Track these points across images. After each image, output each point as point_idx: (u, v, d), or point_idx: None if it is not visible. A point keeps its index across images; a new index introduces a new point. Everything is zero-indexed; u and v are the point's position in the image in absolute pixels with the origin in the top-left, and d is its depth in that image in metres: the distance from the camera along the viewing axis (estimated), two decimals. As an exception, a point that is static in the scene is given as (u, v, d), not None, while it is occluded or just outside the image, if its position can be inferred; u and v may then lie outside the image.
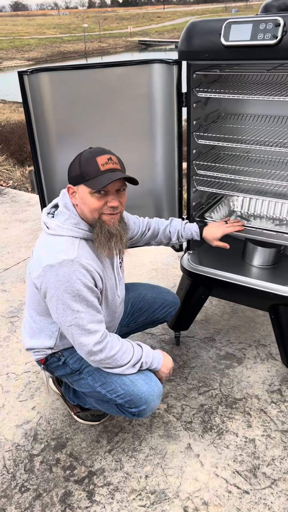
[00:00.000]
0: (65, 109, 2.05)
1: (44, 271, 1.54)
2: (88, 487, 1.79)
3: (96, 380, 1.72)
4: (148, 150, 2.21)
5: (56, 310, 1.57)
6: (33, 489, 1.79)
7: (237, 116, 2.40)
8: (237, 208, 2.46)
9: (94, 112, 2.09)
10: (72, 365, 1.76)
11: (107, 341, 1.61)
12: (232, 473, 1.81)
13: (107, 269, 1.70)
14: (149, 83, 2.08)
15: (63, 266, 1.51)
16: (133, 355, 1.66)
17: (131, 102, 2.09)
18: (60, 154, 2.11)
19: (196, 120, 2.16)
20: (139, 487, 1.78)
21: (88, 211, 1.58)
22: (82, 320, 1.55)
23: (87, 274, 1.55)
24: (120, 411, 1.75)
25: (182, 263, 2.34)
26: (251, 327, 2.66)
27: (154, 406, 1.70)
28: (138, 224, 2.03)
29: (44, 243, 1.62)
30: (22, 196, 4.88)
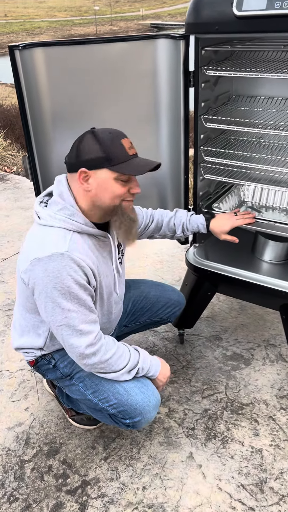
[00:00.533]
0: (61, 89, 1.88)
1: (32, 264, 1.39)
2: (81, 499, 1.66)
3: (88, 387, 1.58)
4: (152, 135, 2.03)
5: (44, 309, 1.42)
6: (22, 499, 1.67)
7: (249, 98, 2.21)
8: (248, 198, 2.28)
9: (93, 93, 1.92)
10: (63, 369, 1.62)
11: (101, 344, 1.46)
12: (237, 487, 1.67)
13: (103, 265, 1.54)
14: (153, 61, 1.89)
15: (52, 260, 1.36)
16: (129, 360, 1.52)
17: (133, 82, 1.91)
18: (56, 138, 1.94)
19: (204, 102, 1.98)
20: (136, 500, 1.65)
21: (109, 198, 1.43)
22: (73, 320, 1.41)
23: (79, 270, 1.39)
24: (114, 421, 1.62)
25: (188, 257, 2.18)
26: (260, 325, 2.50)
27: (149, 418, 1.56)
28: (142, 215, 1.87)
29: (33, 235, 1.47)
30: (25, 182, 4.73)
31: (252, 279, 1.96)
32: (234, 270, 2.01)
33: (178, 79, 1.89)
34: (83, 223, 1.45)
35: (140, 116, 1.99)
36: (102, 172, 1.39)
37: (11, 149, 5.73)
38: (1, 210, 4.08)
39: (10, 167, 5.35)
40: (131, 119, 1.98)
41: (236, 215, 1.93)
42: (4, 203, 4.23)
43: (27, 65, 1.81)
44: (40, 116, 1.90)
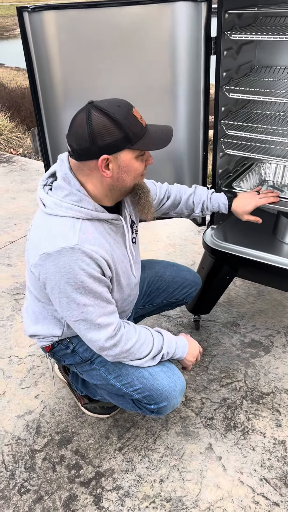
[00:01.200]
0: (72, 58, 1.75)
1: (42, 259, 1.29)
2: (95, 491, 1.58)
3: (110, 371, 1.48)
4: (169, 107, 1.90)
5: (59, 304, 1.33)
6: (33, 491, 1.59)
7: (272, 68, 2.06)
8: (269, 177, 2.15)
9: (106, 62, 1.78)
10: (83, 353, 1.53)
11: (121, 334, 1.37)
12: (260, 481, 1.58)
13: (117, 251, 1.42)
14: (172, 26, 1.75)
15: (62, 255, 1.25)
16: (152, 346, 1.42)
17: (150, 48, 1.77)
18: (68, 110, 1.81)
19: (226, 71, 1.84)
20: (153, 493, 1.57)
21: (132, 178, 1.33)
22: (90, 315, 1.31)
23: (92, 262, 1.28)
24: (137, 407, 1.53)
25: (205, 239, 2.06)
26: (279, 311, 2.39)
27: (175, 403, 1.47)
28: (155, 190, 1.73)
29: (40, 225, 1.35)
30: (31, 164, 4.60)
31: (276, 263, 1.85)
32: (257, 252, 1.90)
33: (199, 46, 1.75)
34: (93, 209, 1.32)
35: (156, 88, 1.86)
36: (123, 154, 1.26)
37: (17, 130, 5.59)
38: (7, 192, 3.97)
39: (16, 149, 5.23)
40: (147, 91, 1.85)
41: (258, 193, 1.81)
42: (10, 185, 4.11)
43: (37, 29, 1.69)
44: (50, 86, 1.77)
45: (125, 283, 1.48)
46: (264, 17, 1.95)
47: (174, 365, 1.51)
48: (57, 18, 1.69)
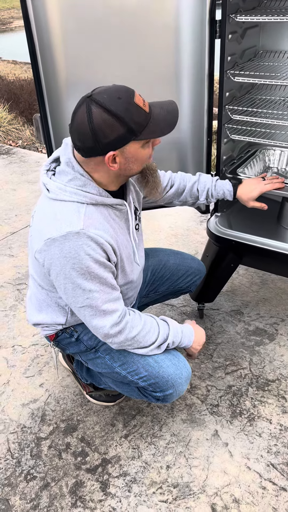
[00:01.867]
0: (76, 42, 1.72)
1: (46, 245, 1.27)
2: (102, 477, 1.58)
3: (115, 359, 1.47)
4: (173, 91, 1.87)
5: (64, 290, 1.31)
6: (40, 478, 1.59)
7: (277, 53, 2.04)
8: (274, 163, 2.14)
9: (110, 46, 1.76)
10: (87, 342, 1.52)
11: (126, 321, 1.35)
12: (267, 466, 1.58)
13: (121, 236, 1.41)
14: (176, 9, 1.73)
15: (67, 239, 1.24)
16: (158, 335, 1.41)
17: (154, 32, 1.75)
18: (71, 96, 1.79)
19: (230, 56, 1.82)
20: (160, 479, 1.56)
21: (140, 164, 1.32)
22: (96, 301, 1.30)
23: (97, 247, 1.27)
24: (142, 395, 1.52)
25: (209, 227, 2.05)
26: (283, 299, 2.38)
27: (181, 391, 1.46)
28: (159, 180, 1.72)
29: (44, 210, 1.33)
30: (31, 156, 4.57)
31: (281, 249, 1.84)
32: (262, 239, 1.89)
33: (203, 29, 1.73)
34: (97, 194, 1.31)
35: (160, 72, 1.83)
36: (129, 147, 1.24)
37: (16, 122, 5.55)
38: (8, 184, 3.94)
39: (15, 141, 5.19)
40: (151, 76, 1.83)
41: (264, 180, 1.79)
42: (10, 177, 4.08)
43: (39, 15, 1.66)
44: (53, 72, 1.75)
45: (129, 269, 1.47)
46: (268, 1, 1.93)
47: (179, 353, 1.50)
48: (60, 2, 1.66)
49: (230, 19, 1.68)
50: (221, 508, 1.47)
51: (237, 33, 1.82)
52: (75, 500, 1.52)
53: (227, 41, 1.72)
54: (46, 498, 1.52)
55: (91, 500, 1.51)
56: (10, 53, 21.85)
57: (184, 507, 1.47)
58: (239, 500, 1.48)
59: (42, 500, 1.52)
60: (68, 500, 1.52)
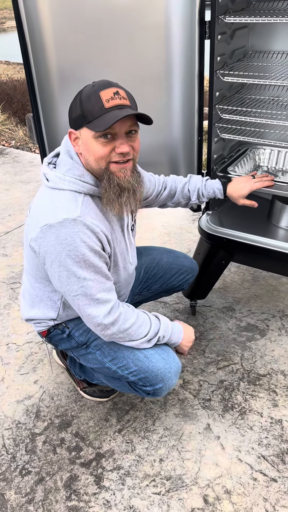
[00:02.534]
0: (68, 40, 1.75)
1: (43, 232, 1.29)
2: (96, 471, 1.60)
3: (106, 354, 1.50)
4: (164, 91, 1.90)
5: (58, 278, 1.33)
6: (35, 472, 1.61)
7: (266, 54, 2.08)
8: (264, 162, 2.17)
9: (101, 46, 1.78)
10: (78, 338, 1.54)
11: (119, 313, 1.38)
12: (257, 458, 1.61)
13: (116, 232, 1.44)
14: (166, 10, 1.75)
15: (64, 226, 1.26)
16: (149, 329, 1.43)
17: (145, 33, 1.78)
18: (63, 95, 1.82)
19: (220, 56, 1.85)
20: (153, 472, 1.59)
21: (94, 160, 1.29)
22: (90, 289, 1.32)
23: (93, 235, 1.29)
24: (133, 389, 1.54)
25: (201, 225, 2.08)
26: (274, 296, 2.42)
27: (171, 385, 1.49)
28: (154, 182, 1.75)
29: (42, 199, 1.36)
30: (24, 156, 4.58)
31: (271, 246, 1.87)
32: (252, 237, 1.92)
33: (193, 30, 1.75)
34: (94, 185, 1.34)
35: (151, 72, 1.86)
36: (83, 131, 1.28)
37: (9, 123, 5.56)
38: (1, 184, 3.95)
39: (8, 141, 5.19)
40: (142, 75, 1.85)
41: (253, 178, 1.82)
42: (4, 177, 4.09)
43: (31, 12, 1.69)
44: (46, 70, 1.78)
45: (122, 266, 1.49)
46: (257, 2, 1.96)
47: (169, 347, 1.52)
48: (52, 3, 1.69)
49: (219, 20, 1.71)
50: (213, 499, 1.50)
51: (226, 33, 1.85)
52: (69, 493, 1.54)
53: (216, 41, 1.75)
54: (41, 492, 1.55)
55: (85, 493, 1.54)
56: (3, 54, 21.76)
57: (177, 498, 1.50)
58: (231, 491, 1.52)
59: (37, 494, 1.54)
60: (63, 493, 1.54)
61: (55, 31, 1.73)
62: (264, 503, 1.47)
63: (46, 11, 1.69)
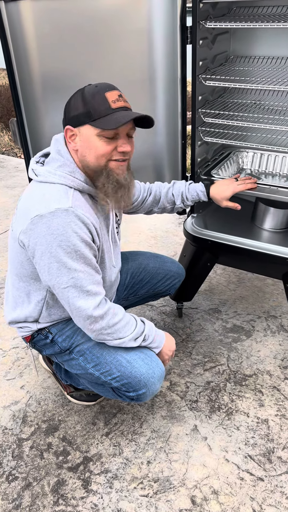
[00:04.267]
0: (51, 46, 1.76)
1: (33, 223, 1.29)
2: (83, 475, 1.60)
3: (88, 360, 1.49)
4: (147, 96, 1.92)
5: (48, 270, 1.31)
6: (22, 478, 1.60)
7: (247, 59, 2.11)
8: (247, 165, 2.20)
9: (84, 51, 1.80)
10: (61, 343, 1.54)
11: (108, 306, 1.38)
12: (244, 458, 1.63)
13: (103, 229, 1.46)
14: (148, 16, 1.78)
15: (56, 216, 1.26)
16: (135, 327, 1.44)
17: (127, 38, 1.79)
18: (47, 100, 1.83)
19: (202, 61, 1.87)
20: (141, 475, 1.59)
21: (94, 157, 1.32)
22: (80, 281, 1.31)
23: (84, 226, 1.30)
24: (117, 395, 1.54)
25: (186, 227, 2.10)
26: (259, 297, 2.44)
27: (154, 390, 1.49)
28: (139, 188, 1.78)
29: (31, 192, 1.36)
30: (10, 161, 4.57)
31: (255, 247, 1.89)
32: (236, 238, 1.94)
33: (175, 35, 1.78)
34: (84, 181, 1.36)
35: (134, 77, 1.88)
36: (85, 129, 1.30)
37: (-6, 128, 5.54)
38: (-14, 189, 3.93)
39: (-6, 147, 5.17)
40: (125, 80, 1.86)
41: (237, 180, 1.85)
42: (-11, 182, 4.07)
43: (14, 19, 1.69)
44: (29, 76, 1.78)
45: (108, 265, 1.50)
46: (237, 8, 2.00)
47: (152, 352, 1.52)
48: (34, 7, 1.70)
49: (201, 26, 1.74)
50: (201, 500, 1.50)
51: (208, 39, 1.88)
52: (57, 498, 1.53)
53: (198, 46, 1.78)
54: (28, 498, 1.54)
55: (73, 498, 1.53)
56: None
57: (165, 500, 1.50)
58: (218, 491, 1.52)
59: (24, 500, 1.53)
60: (50, 498, 1.53)
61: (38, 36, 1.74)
62: (251, 502, 1.48)
63: (29, 16, 1.70)
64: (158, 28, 1.80)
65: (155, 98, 1.92)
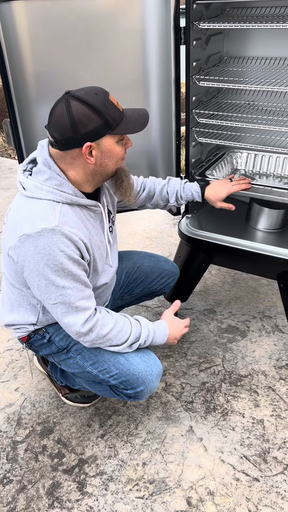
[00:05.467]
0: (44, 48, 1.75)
1: (21, 241, 1.29)
2: (78, 477, 1.59)
3: (86, 359, 1.49)
4: (141, 97, 1.92)
5: (37, 287, 1.33)
6: (16, 481, 1.59)
7: (241, 59, 2.11)
8: (241, 166, 2.21)
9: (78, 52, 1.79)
10: (58, 342, 1.53)
11: (96, 319, 1.38)
12: (240, 459, 1.62)
13: (95, 237, 1.44)
14: (141, 16, 1.78)
15: (42, 236, 1.26)
16: (130, 334, 1.43)
17: (121, 39, 1.79)
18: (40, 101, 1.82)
19: (196, 61, 1.88)
20: (136, 476, 1.58)
21: (113, 163, 1.35)
22: (69, 297, 1.32)
23: (71, 244, 1.29)
24: (114, 393, 1.54)
25: (180, 228, 2.10)
26: (254, 297, 2.45)
27: (152, 388, 1.49)
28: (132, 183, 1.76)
29: (19, 208, 1.35)
30: (4, 162, 4.55)
31: (249, 248, 1.90)
32: (231, 239, 1.95)
33: (168, 36, 1.78)
34: (72, 194, 1.34)
35: (128, 78, 1.88)
36: (105, 140, 1.29)
37: (-12, 129, 5.51)
38: (-20, 191, 3.91)
39: (-13, 148, 5.15)
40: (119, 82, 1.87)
41: (231, 181, 1.85)
42: (-17, 184, 4.05)
43: (7, 20, 1.68)
44: (22, 77, 1.77)
45: (101, 269, 1.50)
46: (231, 9, 2.00)
47: (150, 349, 1.52)
48: (27, 8, 1.69)
49: (194, 26, 1.74)
50: (196, 501, 1.50)
51: (201, 39, 1.88)
52: (52, 501, 1.52)
53: (191, 47, 1.78)
54: (23, 501, 1.52)
55: (68, 500, 1.52)
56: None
57: (160, 502, 1.50)
58: (214, 492, 1.52)
59: (19, 503, 1.52)
60: (45, 501, 1.52)
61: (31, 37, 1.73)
62: (247, 503, 1.48)
63: (22, 17, 1.69)
64: (151, 28, 1.80)
65: (149, 99, 1.92)
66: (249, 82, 1.80)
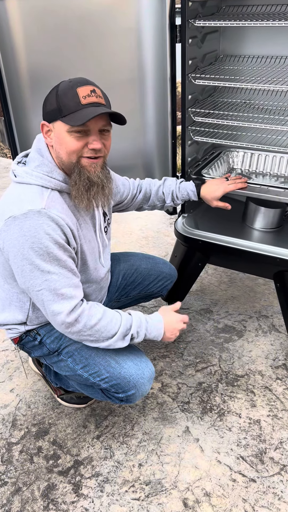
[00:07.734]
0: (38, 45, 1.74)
1: (7, 224, 1.27)
2: (74, 479, 1.58)
3: (77, 362, 1.47)
4: (137, 95, 1.90)
5: (21, 273, 1.29)
6: (11, 483, 1.57)
7: (237, 58, 2.10)
8: (237, 165, 2.19)
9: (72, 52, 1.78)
10: (50, 345, 1.51)
11: (83, 308, 1.33)
12: (236, 459, 1.61)
13: (85, 230, 1.43)
14: (137, 14, 1.76)
15: (28, 218, 1.24)
16: (120, 325, 1.37)
17: (116, 36, 1.78)
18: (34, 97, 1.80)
19: (191, 59, 1.86)
20: (132, 478, 1.57)
21: (65, 154, 1.31)
22: (54, 283, 1.28)
23: (57, 228, 1.28)
24: (106, 397, 1.52)
25: (176, 227, 2.09)
26: (251, 297, 2.44)
27: (144, 391, 1.46)
28: (128, 186, 1.75)
29: (8, 193, 1.35)
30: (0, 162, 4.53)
31: (246, 247, 1.89)
32: (227, 238, 1.94)
33: (164, 34, 1.77)
34: (63, 181, 1.34)
35: (123, 76, 1.86)
36: (57, 125, 1.30)
37: (-16, 128, 5.49)
38: (-25, 190, 3.89)
39: (-17, 147, 5.12)
40: (114, 79, 1.85)
41: (227, 180, 1.84)
42: (-22, 183, 4.03)
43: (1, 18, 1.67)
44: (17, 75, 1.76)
45: (92, 266, 1.48)
46: (227, 7, 1.99)
47: (142, 352, 1.50)
48: (21, 6, 1.68)
49: (190, 24, 1.73)
50: (193, 502, 1.49)
51: (197, 37, 1.87)
52: (47, 503, 1.51)
53: (187, 45, 1.77)
54: (18, 503, 1.51)
55: (63, 502, 1.51)
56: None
57: (157, 503, 1.49)
58: (210, 493, 1.51)
59: (13, 505, 1.50)
60: (40, 503, 1.51)
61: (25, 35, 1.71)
62: (244, 504, 1.47)
63: (16, 15, 1.67)
64: (147, 26, 1.78)
65: (144, 97, 1.91)
66: (245, 80, 1.79)
